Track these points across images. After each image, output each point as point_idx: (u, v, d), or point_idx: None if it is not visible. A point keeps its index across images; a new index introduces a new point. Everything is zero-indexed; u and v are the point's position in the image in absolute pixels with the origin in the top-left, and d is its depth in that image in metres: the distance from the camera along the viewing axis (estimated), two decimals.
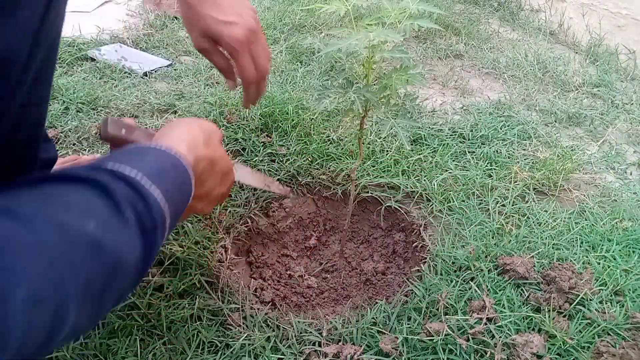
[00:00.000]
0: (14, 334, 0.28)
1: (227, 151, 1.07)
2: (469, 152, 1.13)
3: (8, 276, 0.28)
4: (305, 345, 0.71)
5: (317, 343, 0.71)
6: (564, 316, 0.74)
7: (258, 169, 1.02)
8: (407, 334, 0.71)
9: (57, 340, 0.33)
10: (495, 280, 0.80)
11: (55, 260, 0.31)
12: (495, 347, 0.68)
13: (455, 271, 0.82)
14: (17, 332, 0.28)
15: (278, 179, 1.02)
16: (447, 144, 1.14)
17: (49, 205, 0.35)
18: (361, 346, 0.70)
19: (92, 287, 0.34)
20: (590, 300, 0.76)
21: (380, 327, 0.73)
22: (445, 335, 0.69)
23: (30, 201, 0.35)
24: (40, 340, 0.31)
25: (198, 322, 0.72)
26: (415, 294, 0.78)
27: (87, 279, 0.33)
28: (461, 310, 0.74)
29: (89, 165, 0.42)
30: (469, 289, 0.78)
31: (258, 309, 0.76)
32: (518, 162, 1.10)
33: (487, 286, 0.78)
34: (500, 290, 0.78)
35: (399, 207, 1.00)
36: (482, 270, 0.81)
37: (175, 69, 1.42)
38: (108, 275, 0.36)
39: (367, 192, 1.04)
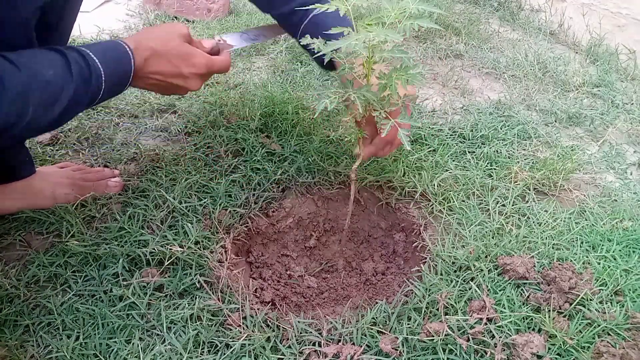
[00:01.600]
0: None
1: (226, 151, 1.07)
2: (469, 152, 1.13)
3: None
4: (305, 345, 0.71)
5: (317, 343, 0.71)
6: (564, 316, 0.74)
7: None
8: (407, 334, 0.70)
9: (23, 124, 0.64)
10: (495, 281, 0.80)
11: (24, 88, 0.63)
12: (496, 347, 0.68)
13: (455, 271, 0.82)
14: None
15: (278, 179, 1.01)
16: (447, 143, 1.14)
17: (31, 58, 0.66)
18: (361, 346, 0.70)
19: (43, 102, 0.66)
20: (591, 300, 0.76)
21: (380, 327, 0.73)
22: (445, 335, 0.69)
23: (25, 55, 0.66)
24: (12, 121, 0.63)
25: (198, 322, 0.72)
26: (415, 294, 0.78)
27: (40, 98, 0.65)
28: (461, 310, 0.74)
29: (68, 46, 0.75)
30: (469, 289, 0.78)
31: (258, 309, 0.76)
32: (518, 162, 1.10)
33: (487, 286, 0.78)
34: (500, 291, 0.78)
35: (399, 207, 1.00)
36: (482, 270, 0.81)
37: None
38: (54, 98, 0.67)
39: (367, 192, 1.04)
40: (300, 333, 0.73)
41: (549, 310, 0.73)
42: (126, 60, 0.78)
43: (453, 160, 1.08)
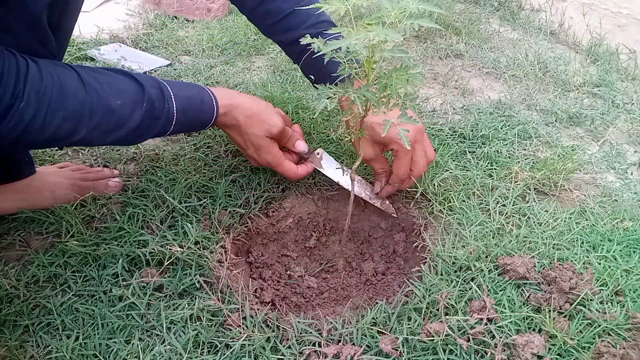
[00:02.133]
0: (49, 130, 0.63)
1: (226, 151, 1.07)
2: (469, 151, 1.13)
3: (55, 107, 0.62)
4: (305, 345, 0.71)
5: (317, 343, 0.71)
6: (565, 316, 0.74)
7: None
8: (407, 335, 0.70)
9: (72, 141, 0.66)
10: (496, 281, 0.80)
11: (84, 109, 0.65)
12: (496, 347, 0.68)
13: (455, 271, 0.82)
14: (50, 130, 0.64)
15: (277, 179, 1.01)
16: (448, 143, 1.14)
17: (104, 85, 0.67)
18: (361, 346, 0.69)
19: (100, 127, 0.67)
20: (591, 300, 0.76)
21: (380, 328, 0.73)
22: (446, 335, 0.69)
23: (100, 79, 0.67)
24: (60, 136, 0.65)
25: (198, 323, 0.72)
26: (416, 294, 0.78)
27: (97, 123, 0.66)
28: (461, 310, 0.74)
29: (151, 77, 0.76)
30: (470, 289, 0.78)
31: (258, 309, 0.76)
32: (519, 162, 1.10)
33: (487, 286, 0.78)
34: (500, 291, 0.78)
35: (399, 207, 1.00)
36: (482, 270, 0.81)
37: (174, 69, 1.42)
38: (114, 126, 0.69)
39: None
40: (300, 333, 0.72)
41: (550, 311, 0.73)
42: (206, 118, 0.82)
43: (453, 160, 1.08)
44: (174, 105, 0.76)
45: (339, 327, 0.73)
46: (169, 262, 0.80)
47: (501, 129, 1.22)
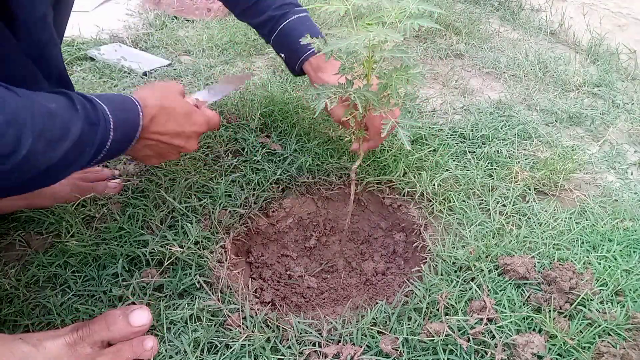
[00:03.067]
0: None
1: (226, 151, 1.07)
2: (469, 151, 1.13)
3: None
4: (305, 345, 0.71)
5: (317, 343, 0.71)
6: (565, 316, 0.74)
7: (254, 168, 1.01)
8: (407, 335, 0.70)
9: (18, 158, 0.53)
10: (496, 281, 0.80)
11: (24, 112, 0.53)
12: (496, 347, 0.68)
13: (455, 271, 0.82)
14: None
15: (277, 179, 1.01)
16: (448, 143, 1.14)
17: (31, 92, 0.57)
18: (361, 347, 0.69)
19: (45, 135, 0.56)
20: (591, 300, 0.76)
21: (380, 328, 0.73)
22: (446, 335, 0.69)
23: (21, 90, 0.56)
24: (7, 151, 0.51)
25: (198, 323, 0.72)
26: (416, 294, 0.78)
27: (42, 128, 0.55)
28: (462, 310, 0.74)
29: (74, 92, 0.66)
30: (470, 289, 0.78)
31: (258, 309, 0.76)
32: (519, 162, 1.10)
33: (487, 286, 0.78)
34: (500, 291, 0.78)
35: (399, 207, 1.00)
36: (482, 270, 0.81)
37: (174, 69, 1.42)
38: (59, 133, 0.58)
39: (368, 192, 1.04)
40: (300, 333, 0.72)
41: (550, 311, 0.73)
42: (134, 114, 0.71)
43: (453, 160, 1.08)
44: (103, 105, 0.66)
45: (339, 327, 0.73)
46: (169, 262, 0.80)
47: (501, 129, 1.22)
